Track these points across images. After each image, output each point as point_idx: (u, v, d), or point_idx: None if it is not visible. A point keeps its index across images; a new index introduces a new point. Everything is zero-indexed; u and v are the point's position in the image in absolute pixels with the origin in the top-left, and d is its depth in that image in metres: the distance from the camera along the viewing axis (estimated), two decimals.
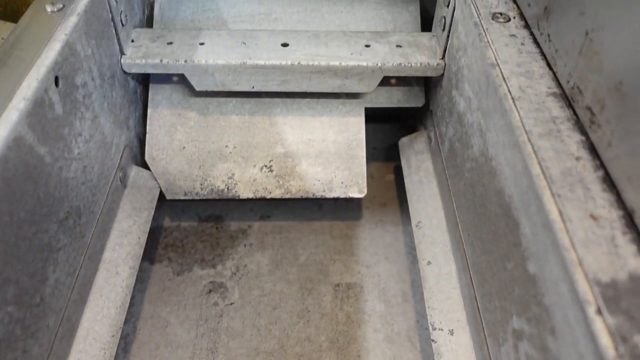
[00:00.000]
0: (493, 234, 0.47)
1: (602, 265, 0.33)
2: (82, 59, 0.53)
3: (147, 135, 0.69)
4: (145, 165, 0.70)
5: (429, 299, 0.58)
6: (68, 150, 0.50)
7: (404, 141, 0.75)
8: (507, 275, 0.44)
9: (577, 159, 0.39)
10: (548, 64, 0.47)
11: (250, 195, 0.68)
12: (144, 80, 0.72)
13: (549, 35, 0.47)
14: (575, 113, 0.42)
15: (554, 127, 0.41)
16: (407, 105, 0.73)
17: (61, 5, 0.53)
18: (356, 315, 0.64)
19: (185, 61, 0.63)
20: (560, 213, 0.36)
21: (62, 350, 0.51)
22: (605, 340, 0.29)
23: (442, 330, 0.55)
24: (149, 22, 0.74)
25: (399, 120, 0.87)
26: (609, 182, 0.37)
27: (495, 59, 0.48)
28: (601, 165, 0.38)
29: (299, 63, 0.64)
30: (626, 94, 0.36)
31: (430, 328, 0.55)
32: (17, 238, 0.42)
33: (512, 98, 0.44)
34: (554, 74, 0.46)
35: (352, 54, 0.65)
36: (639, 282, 0.32)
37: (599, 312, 0.31)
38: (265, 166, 0.69)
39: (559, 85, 0.45)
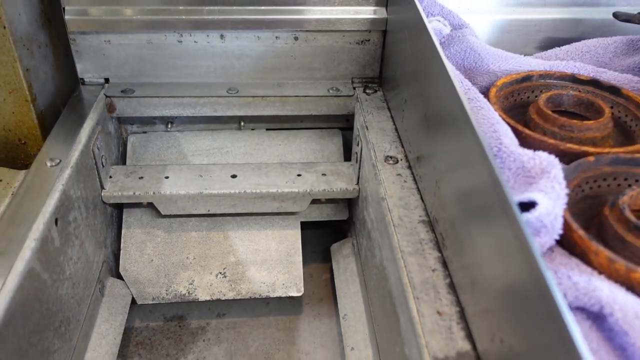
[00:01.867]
0: (389, 324, 0.63)
1: (441, 347, 0.49)
2: (74, 200, 0.69)
3: (122, 251, 0.84)
4: (119, 276, 0.84)
5: None
6: (62, 273, 0.65)
7: (334, 247, 0.92)
8: (397, 356, 0.59)
9: (433, 270, 0.56)
10: (421, 198, 0.65)
11: (208, 298, 0.83)
12: (118, 206, 0.88)
13: (420, 177, 0.66)
14: (435, 236, 0.60)
15: (420, 247, 0.59)
16: (334, 218, 0.91)
17: (58, 160, 0.69)
18: None
19: (154, 193, 0.80)
20: (418, 311, 0.52)
21: None
22: None
23: None
24: (122, 157, 0.91)
25: (332, 226, 1.04)
26: (453, 287, 0.54)
27: (385, 194, 0.66)
28: (449, 275, 0.56)
29: (245, 191, 0.81)
30: (456, 231, 0.53)
31: None
32: (28, 345, 0.56)
33: (394, 225, 0.62)
34: (425, 205, 0.64)
35: (286, 182, 0.82)
36: (462, 356, 0.48)
37: None
38: (220, 273, 0.84)
39: (427, 214, 0.63)
